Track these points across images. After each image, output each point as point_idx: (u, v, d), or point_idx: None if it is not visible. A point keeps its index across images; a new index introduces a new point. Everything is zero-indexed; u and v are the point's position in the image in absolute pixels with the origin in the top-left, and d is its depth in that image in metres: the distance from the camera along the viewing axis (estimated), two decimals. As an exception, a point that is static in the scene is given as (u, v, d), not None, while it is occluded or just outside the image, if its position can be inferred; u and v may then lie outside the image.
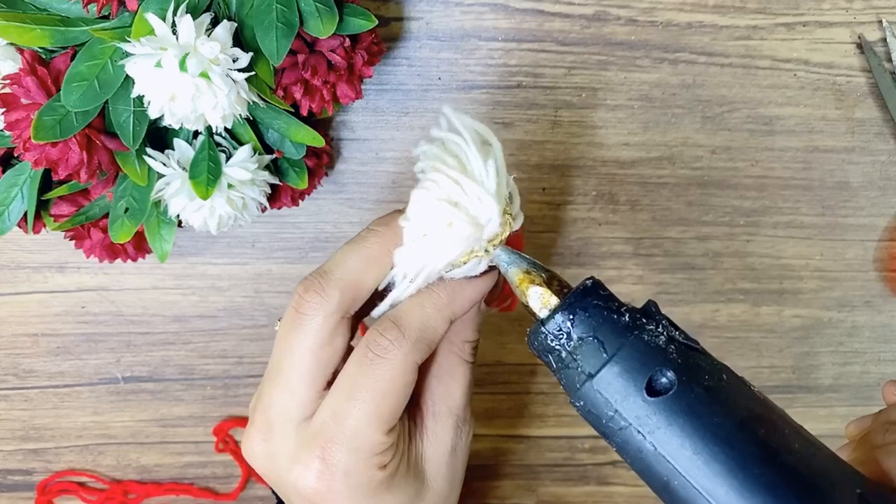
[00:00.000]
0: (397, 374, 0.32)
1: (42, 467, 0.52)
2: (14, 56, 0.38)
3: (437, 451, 0.36)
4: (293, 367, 0.33)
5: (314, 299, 0.33)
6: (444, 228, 0.31)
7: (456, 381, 0.36)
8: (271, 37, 0.36)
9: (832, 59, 0.46)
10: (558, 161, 0.47)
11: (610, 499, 0.54)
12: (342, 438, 0.32)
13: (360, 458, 0.32)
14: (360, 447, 0.32)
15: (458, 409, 0.36)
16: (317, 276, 0.33)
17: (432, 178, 0.32)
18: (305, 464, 0.32)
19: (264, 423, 0.34)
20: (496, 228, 0.32)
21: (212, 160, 0.39)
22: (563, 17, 0.45)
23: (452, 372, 0.36)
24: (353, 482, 0.32)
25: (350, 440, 0.32)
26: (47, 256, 0.48)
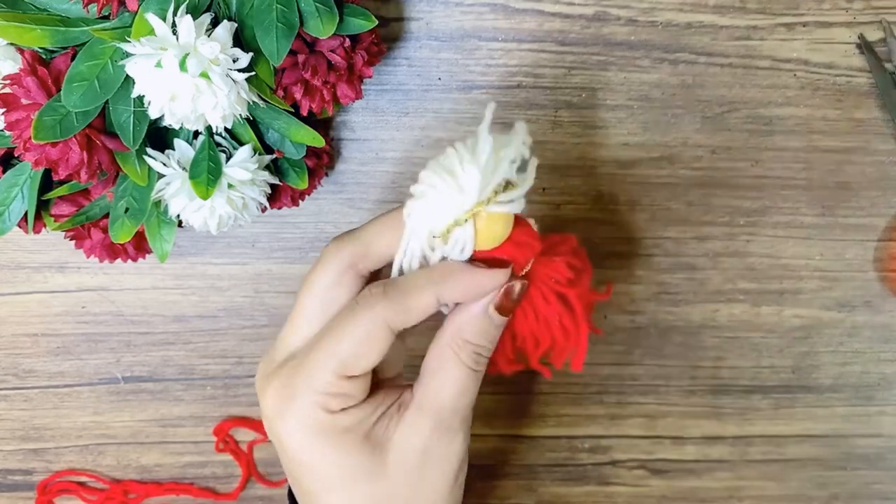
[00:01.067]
0: (364, 322, 0.33)
1: (42, 467, 0.52)
2: (14, 56, 0.38)
3: (405, 443, 0.35)
4: (299, 304, 0.36)
5: (330, 247, 0.36)
6: (432, 190, 0.33)
7: (447, 381, 0.35)
8: (271, 37, 0.36)
9: (832, 59, 0.46)
10: (558, 161, 0.47)
11: (610, 499, 0.54)
12: (302, 367, 0.34)
13: (309, 389, 0.33)
14: (313, 379, 0.33)
15: (442, 410, 0.35)
16: (342, 233, 0.36)
17: (448, 151, 0.33)
18: (269, 382, 0.35)
19: (268, 353, 0.37)
20: (474, 196, 0.32)
21: (212, 160, 0.39)
22: (563, 17, 0.45)
23: (446, 371, 0.35)
24: (300, 414, 0.34)
25: (308, 370, 0.34)
26: (47, 256, 0.48)
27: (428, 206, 0.33)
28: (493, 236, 0.34)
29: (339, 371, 0.33)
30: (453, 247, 0.34)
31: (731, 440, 0.53)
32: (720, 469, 0.54)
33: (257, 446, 0.52)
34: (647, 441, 0.53)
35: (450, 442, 0.35)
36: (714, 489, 0.54)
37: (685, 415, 0.52)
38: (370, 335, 0.33)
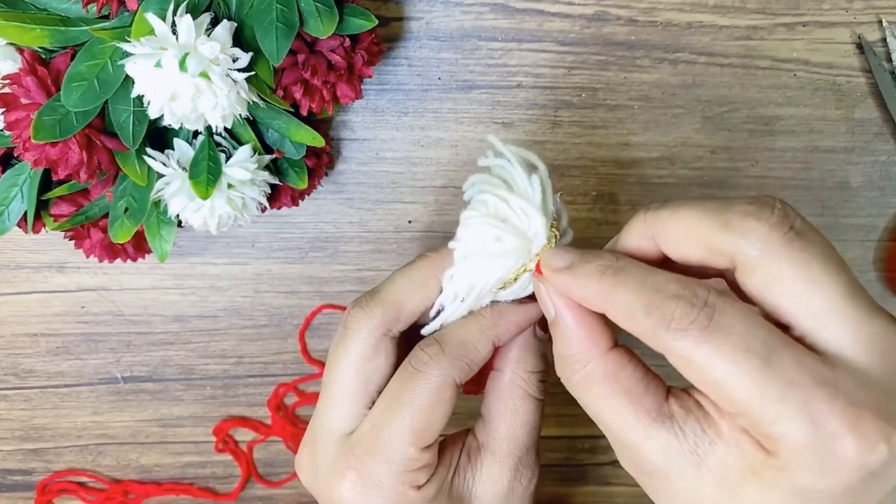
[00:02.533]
0: (434, 388, 0.32)
1: (42, 467, 0.52)
2: (14, 56, 0.38)
3: (489, 490, 0.34)
4: (336, 381, 0.34)
5: (358, 315, 0.34)
6: (493, 244, 0.32)
7: (518, 418, 0.34)
8: (271, 37, 0.36)
9: (832, 59, 0.46)
10: (558, 161, 0.47)
11: (610, 499, 0.54)
12: (377, 450, 0.32)
13: (392, 471, 0.32)
14: (393, 460, 0.32)
15: (518, 449, 0.34)
16: (365, 294, 0.35)
17: (480, 199, 0.33)
18: (341, 474, 0.33)
19: (310, 436, 0.35)
20: (543, 241, 0.32)
21: (212, 160, 0.39)
22: (563, 17, 0.45)
23: (515, 408, 0.34)
24: (386, 496, 0.32)
25: (384, 452, 0.32)
26: (47, 256, 0.48)
27: (495, 261, 0.32)
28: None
29: (419, 444, 0.32)
30: (517, 289, 0.33)
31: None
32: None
33: (257, 446, 0.52)
34: (647, 441, 0.53)
35: (530, 478, 0.35)
36: (714, 489, 0.54)
37: (685, 415, 0.52)
38: (441, 398, 0.32)
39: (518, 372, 0.34)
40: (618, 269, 0.27)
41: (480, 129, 0.47)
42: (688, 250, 0.27)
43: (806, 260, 0.25)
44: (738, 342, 0.24)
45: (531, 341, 0.34)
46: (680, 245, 0.28)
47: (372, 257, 0.49)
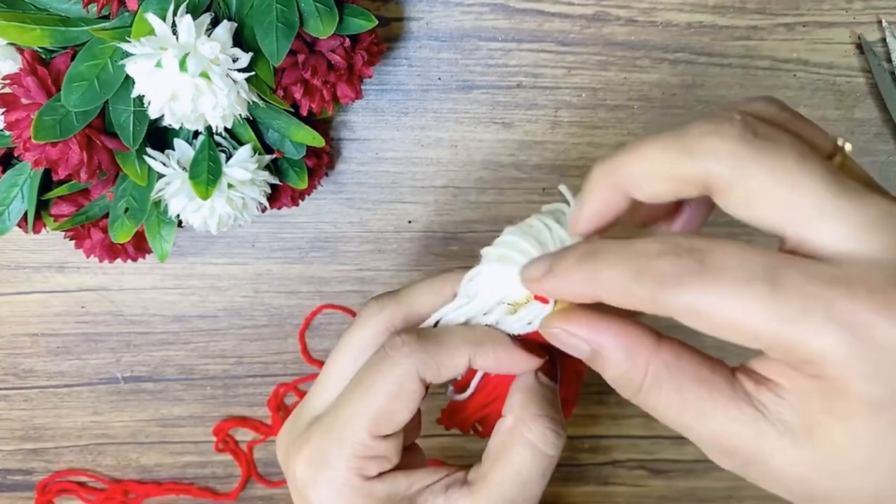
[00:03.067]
0: (397, 376, 0.31)
1: (42, 467, 0.52)
2: (14, 56, 0.38)
3: None
4: (331, 366, 0.34)
5: (370, 307, 0.34)
6: (519, 256, 0.31)
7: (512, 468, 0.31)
8: (271, 37, 0.36)
9: (832, 60, 0.46)
10: (558, 161, 0.47)
11: (610, 499, 0.54)
12: (332, 430, 0.31)
13: (342, 454, 0.31)
14: (345, 442, 0.31)
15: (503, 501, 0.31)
16: (385, 292, 0.34)
17: (527, 222, 0.32)
18: (298, 450, 0.32)
19: (293, 415, 0.34)
20: None
21: (212, 160, 0.39)
22: (563, 17, 0.45)
23: (511, 456, 0.31)
24: (335, 482, 0.31)
25: (338, 432, 0.31)
26: (47, 256, 0.48)
27: (512, 271, 0.31)
28: None
29: (373, 430, 0.31)
30: (520, 318, 0.32)
31: (731, 440, 0.53)
32: (720, 469, 0.54)
33: (257, 446, 0.52)
34: (647, 441, 0.53)
35: None
36: (714, 489, 0.54)
37: (685, 415, 0.52)
38: (403, 389, 0.30)
39: (522, 417, 0.31)
40: (594, 251, 0.26)
41: (480, 129, 0.47)
42: (657, 188, 0.26)
43: (781, 164, 0.23)
44: (737, 275, 0.23)
45: (533, 385, 0.32)
46: (648, 184, 0.26)
47: (372, 257, 0.49)
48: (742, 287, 0.22)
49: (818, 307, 0.22)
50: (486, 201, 0.48)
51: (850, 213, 0.23)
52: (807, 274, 0.22)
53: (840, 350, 0.22)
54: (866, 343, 0.21)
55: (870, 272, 0.22)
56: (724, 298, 0.23)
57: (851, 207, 0.23)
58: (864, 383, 0.22)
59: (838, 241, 0.23)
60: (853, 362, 0.22)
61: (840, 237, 0.23)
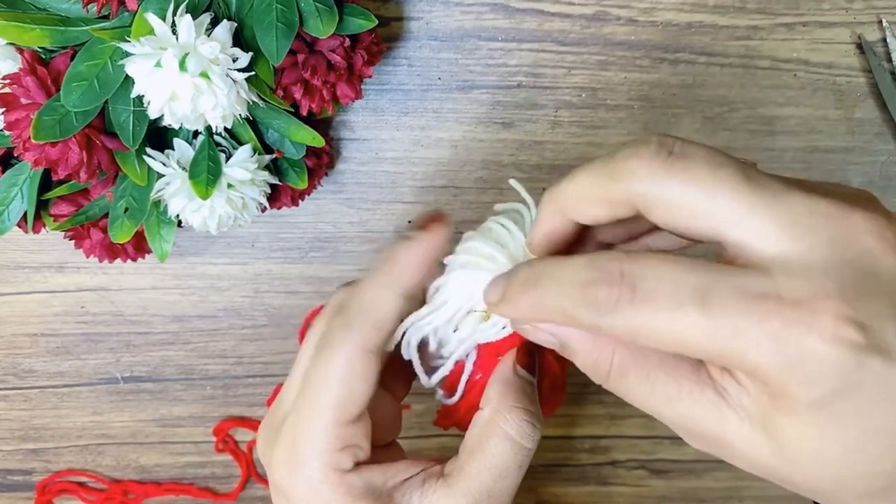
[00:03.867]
0: (343, 363, 0.30)
1: (42, 467, 0.52)
2: (14, 56, 0.38)
3: None
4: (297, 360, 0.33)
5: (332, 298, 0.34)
6: (485, 261, 0.31)
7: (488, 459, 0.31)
8: (271, 37, 0.36)
9: (832, 59, 0.46)
10: (558, 161, 0.47)
11: (610, 499, 0.54)
12: (299, 429, 0.31)
13: (314, 451, 0.31)
14: (315, 438, 0.31)
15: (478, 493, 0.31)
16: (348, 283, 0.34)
17: (485, 226, 0.33)
18: (272, 450, 0.32)
19: (270, 413, 0.34)
20: None
21: (212, 160, 0.39)
22: (563, 17, 0.45)
23: (488, 447, 0.31)
24: (312, 482, 0.31)
25: (305, 431, 0.31)
26: (47, 256, 0.48)
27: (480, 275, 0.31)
28: None
29: (338, 418, 0.30)
30: (494, 324, 0.32)
31: (731, 440, 0.53)
32: (720, 469, 0.54)
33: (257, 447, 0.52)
34: (647, 441, 0.53)
35: None
36: (714, 489, 0.54)
37: (685, 415, 0.52)
38: (353, 371, 0.30)
39: (499, 409, 0.31)
40: (535, 278, 0.27)
41: (480, 129, 0.47)
42: (593, 212, 0.27)
43: (693, 175, 0.24)
44: (669, 299, 0.23)
45: (511, 378, 0.32)
46: (584, 209, 0.27)
47: (372, 257, 0.49)
48: (674, 312, 0.23)
49: (749, 324, 0.22)
50: (486, 201, 0.48)
51: (771, 212, 0.23)
52: (735, 290, 0.23)
53: (774, 362, 0.22)
54: (797, 353, 0.22)
55: (797, 282, 0.23)
56: (658, 324, 0.23)
57: (771, 206, 0.23)
58: (800, 388, 0.23)
59: (765, 243, 0.23)
60: (787, 371, 0.22)
61: (767, 239, 0.23)
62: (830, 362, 0.22)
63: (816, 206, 0.23)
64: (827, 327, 0.22)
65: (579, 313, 0.25)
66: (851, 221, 0.23)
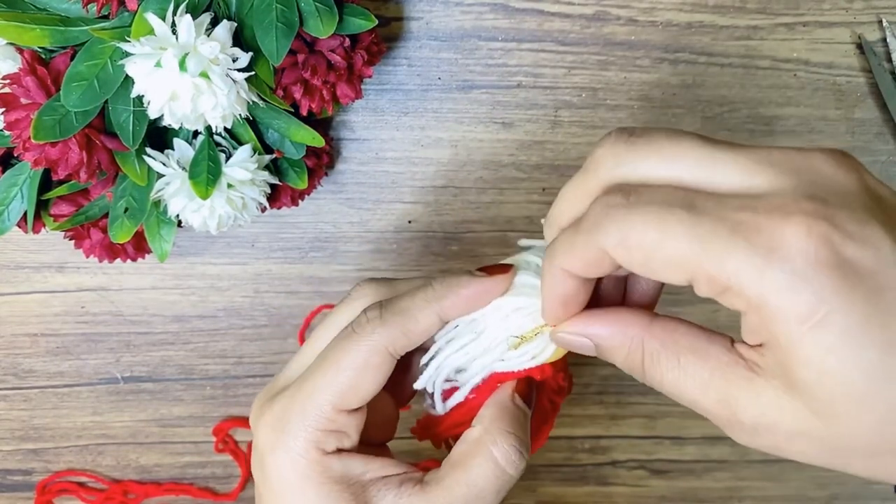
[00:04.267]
0: (363, 352, 0.31)
1: (42, 467, 0.52)
2: (14, 56, 0.38)
3: None
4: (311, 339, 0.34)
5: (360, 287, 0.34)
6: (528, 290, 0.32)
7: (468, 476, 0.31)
8: (271, 37, 0.36)
9: (832, 59, 0.46)
10: (558, 161, 0.47)
11: (610, 499, 0.54)
12: (296, 400, 0.32)
13: (303, 424, 0.31)
14: (308, 413, 0.31)
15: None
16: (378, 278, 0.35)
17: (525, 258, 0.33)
18: (262, 413, 0.32)
19: (271, 382, 0.34)
20: None
21: (211, 160, 0.39)
22: (563, 17, 0.45)
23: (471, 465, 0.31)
24: (292, 451, 0.31)
25: (302, 403, 0.31)
26: (47, 256, 0.48)
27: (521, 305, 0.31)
28: (560, 353, 0.33)
29: (337, 403, 0.31)
30: (524, 353, 0.32)
31: (730, 440, 0.53)
32: (720, 469, 0.54)
33: (257, 446, 0.52)
34: (647, 441, 0.53)
35: None
36: (714, 489, 0.54)
37: (685, 415, 0.52)
38: (369, 363, 0.31)
39: (490, 430, 0.31)
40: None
41: (480, 129, 0.47)
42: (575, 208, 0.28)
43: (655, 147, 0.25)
44: (661, 204, 0.24)
45: (508, 404, 0.32)
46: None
47: (372, 257, 0.49)
48: (663, 212, 0.24)
49: (727, 227, 0.23)
50: (486, 201, 0.48)
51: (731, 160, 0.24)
52: (719, 201, 0.24)
53: (749, 267, 0.22)
54: (770, 255, 0.22)
55: (767, 197, 0.23)
56: (647, 225, 0.24)
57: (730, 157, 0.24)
58: (781, 298, 0.22)
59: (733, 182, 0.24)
60: (764, 278, 0.22)
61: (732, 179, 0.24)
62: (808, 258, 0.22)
63: (775, 151, 0.25)
64: (799, 224, 0.22)
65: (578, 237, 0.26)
66: (809, 156, 0.25)
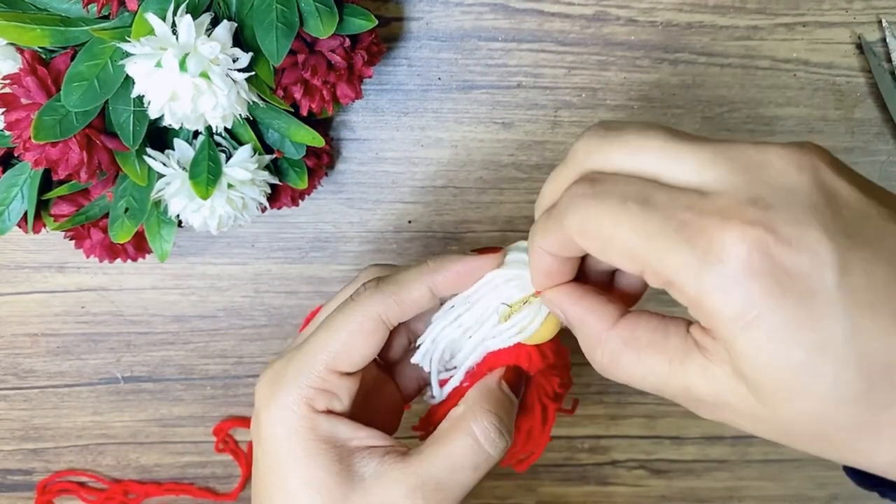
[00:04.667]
0: (357, 317, 0.33)
1: (42, 467, 0.52)
2: (14, 56, 0.38)
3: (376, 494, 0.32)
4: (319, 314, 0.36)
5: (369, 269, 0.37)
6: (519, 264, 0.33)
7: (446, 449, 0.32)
8: (271, 37, 0.36)
9: (832, 59, 0.46)
10: (558, 161, 0.47)
11: (610, 499, 0.54)
12: (295, 358, 0.34)
13: (297, 380, 0.33)
14: (302, 370, 0.33)
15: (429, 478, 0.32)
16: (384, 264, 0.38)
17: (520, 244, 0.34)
18: (265, 374, 0.34)
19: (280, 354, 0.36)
20: None
21: (212, 160, 0.39)
22: (563, 17, 0.45)
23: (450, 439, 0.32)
24: (283, 406, 0.33)
25: (299, 359, 0.33)
26: (47, 256, 0.48)
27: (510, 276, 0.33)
28: (548, 331, 0.34)
29: (330, 364, 0.33)
30: (513, 324, 0.33)
31: (730, 440, 0.53)
32: (720, 469, 0.54)
33: (257, 446, 0.52)
34: (646, 441, 0.53)
35: None
36: (714, 489, 0.54)
37: (685, 415, 0.52)
38: (362, 328, 0.33)
39: (473, 408, 0.33)
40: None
41: (480, 129, 0.47)
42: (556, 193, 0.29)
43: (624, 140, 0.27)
44: (618, 195, 0.25)
45: (493, 387, 0.34)
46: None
47: (372, 257, 0.49)
48: (619, 205, 0.25)
49: (672, 225, 0.24)
50: (486, 201, 0.48)
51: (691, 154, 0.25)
52: (671, 198, 0.25)
53: (688, 266, 0.24)
54: (707, 257, 0.23)
55: (713, 197, 0.24)
56: (602, 216, 0.26)
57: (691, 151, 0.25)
58: (714, 299, 0.23)
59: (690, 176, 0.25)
60: (701, 277, 0.23)
61: (689, 173, 0.25)
62: (740, 263, 0.23)
63: (735, 145, 0.25)
64: (735, 229, 0.23)
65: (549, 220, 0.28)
66: (765, 151, 0.25)
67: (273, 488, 0.33)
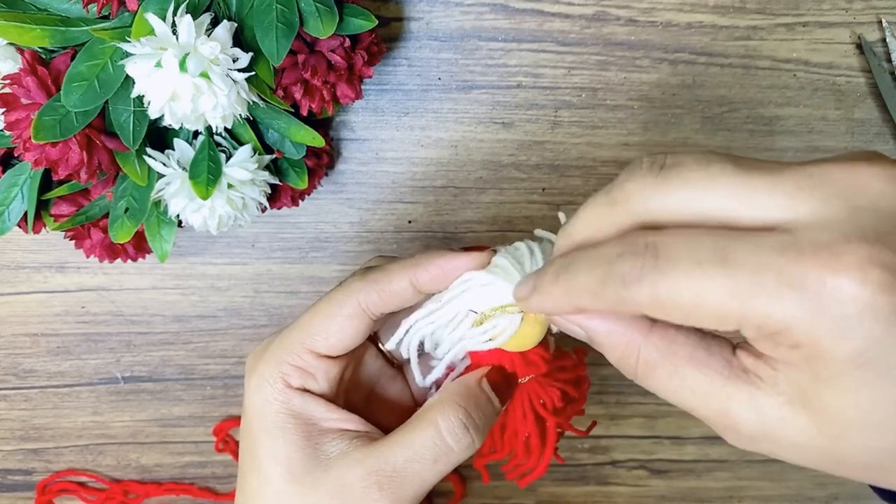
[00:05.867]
0: (336, 299, 0.34)
1: (42, 467, 0.52)
2: (14, 56, 0.38)
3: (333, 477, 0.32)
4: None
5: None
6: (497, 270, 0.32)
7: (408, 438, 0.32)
8: (271, 37, 0.37)
9: (832, 60, 0.46)
10: (558, 161, 0.47)
11: (610, 499, 0.54)
12: (282, 335, 0.35)
13: (276, 354, 0.34)
14: (283, 346, 0.34)
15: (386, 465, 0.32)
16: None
17: (516, 244, 0.34)
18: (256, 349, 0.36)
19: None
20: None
21: (212, 160, 0.39)
22: (563, 17, 0.45)
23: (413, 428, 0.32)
24: (261, 377, 0.34)
25: (283, 337, 0.34)
26: (47, 256, 0.48)
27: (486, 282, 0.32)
28: (525, 341, 0.33)
29: (306, 342, 0.34)
30: (484, 331, 0.33)
31: (730, 440, 0.53)
32: (720, 469, 0.54)
33: (257, 446, 0.52)
34: (647, 441, 0.53)
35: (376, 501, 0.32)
36: (714, 489, 0.54)
37: (685, 415, 0.52)
38: (341, 312, 0.33)
39: (443, 400, 0.33)
40: (567, 264, 0.26)
41: (480, 129, 0.47)
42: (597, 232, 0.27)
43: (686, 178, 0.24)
44: (690, 260, 0.23)
45: (472, 385, 0.33)
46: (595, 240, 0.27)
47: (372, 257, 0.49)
48: (695, 271, 0.23)
49: (770, 277, 0.22)
50: (486, 201, 0.48)
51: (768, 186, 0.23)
52: (754, 246, 0.22)
53: (801, 314, 0.22)
54: (823, 302, 0.21)
55: (813, 231, 0.22)
56: (681, 286, 0.23)
57: (767, 183, 0.23)
58: (833, 343, 0.22)
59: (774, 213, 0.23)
60: (816, 324, 0.22)
61: (772, 209, 0.23)
62: (862, 306, 0.21)
63: (815, 169, 0.23)
64: (852, 270, 0.21)
65: (606, 290, 0.24)
66: (856, 171, 0.23)
67: (245, 454, 0.34)
